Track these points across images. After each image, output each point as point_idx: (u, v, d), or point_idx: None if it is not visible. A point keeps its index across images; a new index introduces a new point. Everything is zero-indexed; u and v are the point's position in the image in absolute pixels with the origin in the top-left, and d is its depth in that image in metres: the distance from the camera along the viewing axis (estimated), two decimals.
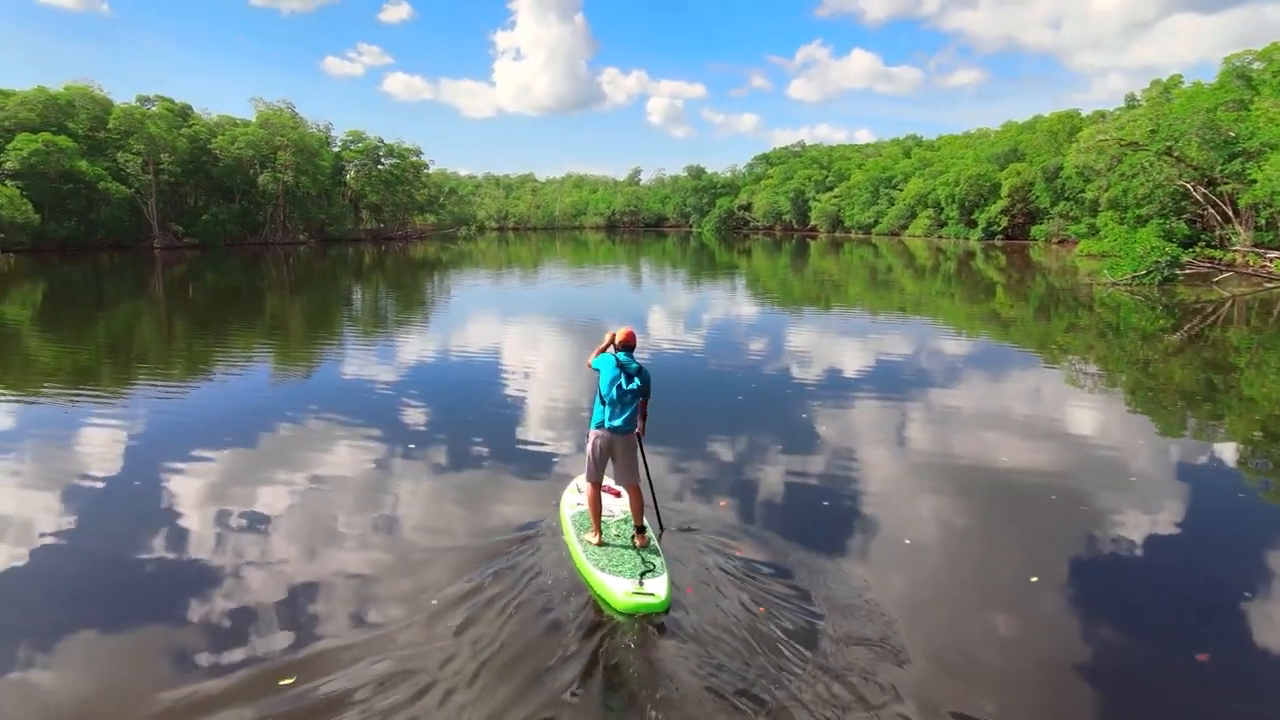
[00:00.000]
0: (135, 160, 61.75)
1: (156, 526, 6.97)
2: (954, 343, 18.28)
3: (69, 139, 57.38)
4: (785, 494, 7.91)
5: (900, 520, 7.21)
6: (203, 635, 5.16)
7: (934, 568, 6.34)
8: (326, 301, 29.14)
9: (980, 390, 13.02)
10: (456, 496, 7.83)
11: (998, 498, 7.93)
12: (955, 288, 32.82)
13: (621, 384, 6.15)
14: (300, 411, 11.32)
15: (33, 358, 16.44)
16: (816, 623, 5.24)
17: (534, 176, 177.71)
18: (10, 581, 5.99)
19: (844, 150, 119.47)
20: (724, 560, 6.15)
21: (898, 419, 10.99)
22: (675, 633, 5.16)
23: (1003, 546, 6.82)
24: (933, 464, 8.94)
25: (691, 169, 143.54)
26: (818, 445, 9.60)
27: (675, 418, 10.57)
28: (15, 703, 4.50)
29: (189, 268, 44.50)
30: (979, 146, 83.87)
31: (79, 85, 64.02)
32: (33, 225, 53.37)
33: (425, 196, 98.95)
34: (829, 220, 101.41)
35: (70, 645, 5.11)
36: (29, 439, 9.92)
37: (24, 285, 34.00)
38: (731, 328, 20.63)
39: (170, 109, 70.13)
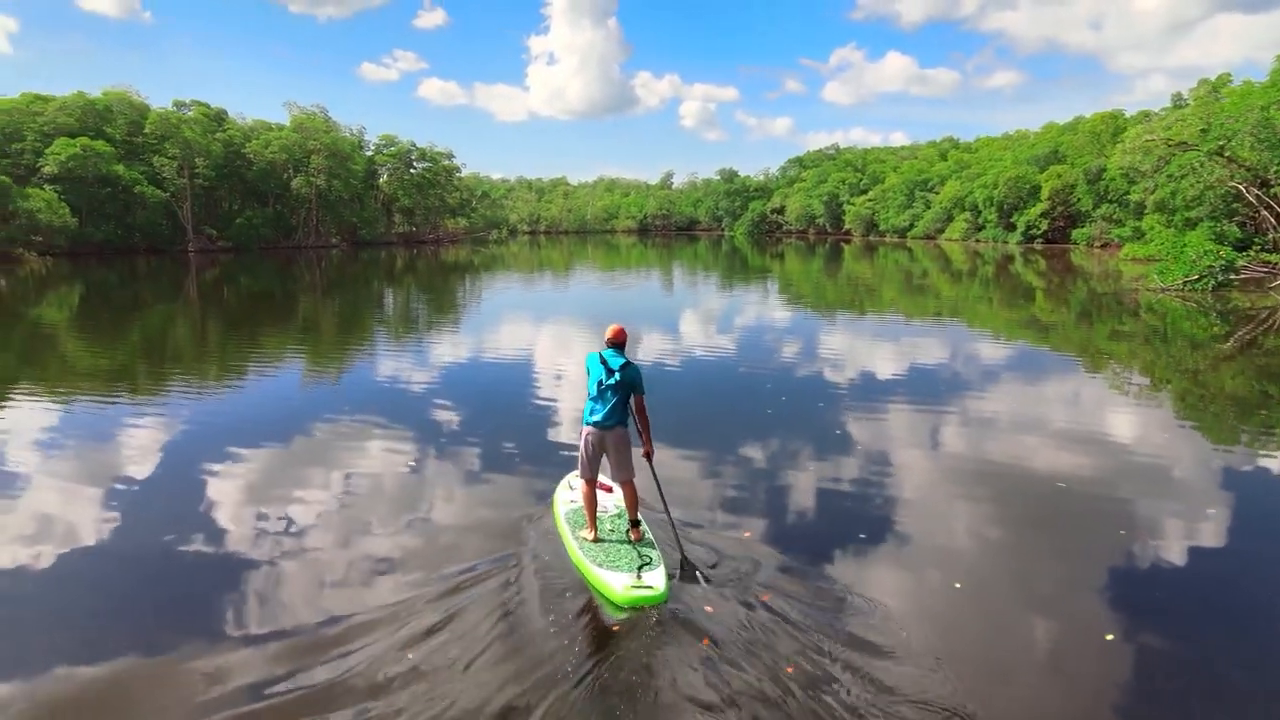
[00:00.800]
0: (171, 164, 62.81)
1: (191, 522, 7.13)
2: (992, 349, 17.77)
3: (106, 144, 58.47)
4: (815, 519, 7.35)
5: (945, 559, 6.41)
6: (227, 618, 5.43)
7: (983, 615, 5.65)
8: (358, 304, 29.27)
9: (1021, 399, 12.54)
10: (475, 495, 7.93)
11: (1049, 523, 7.42)
12: (993, 292, 32.10)
13: (603, 379, 6.24)
14: (330, 412, 11.42)
15: (70, 360, 16.63)
16: (849, 686, 4.58)
17: (566, 180, 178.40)
18: (53, 575, 6.16)
19: (879, 153, 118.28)
20: (746, 612, 5.35)
21: (936, 431, 10.57)
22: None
23: (1062, 584, 6.15)
24: (977, 487, 8.39)
25: (724, 172, 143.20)
26: (852, 463, 9.10)
27: (703, 427, 10.41)
28: (59, 689, 4.65)
29: (222, 271, 45.08)
30: (1018, 148, 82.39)
31: (117, 90, 65.31)
32: (70, 229, 54.43)
33: (457, 200, 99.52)
34: (863, 224, 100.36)
35: (111, 630, 5.32)
36: (68, 439, 10.04)
37: (61, 288, 34.59)
38: (763, 332, 20.27)
39: (206, 114, 71.28)
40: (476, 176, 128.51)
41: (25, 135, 57.73)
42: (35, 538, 6.81)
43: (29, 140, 57.41)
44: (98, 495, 7.86)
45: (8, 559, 6.38)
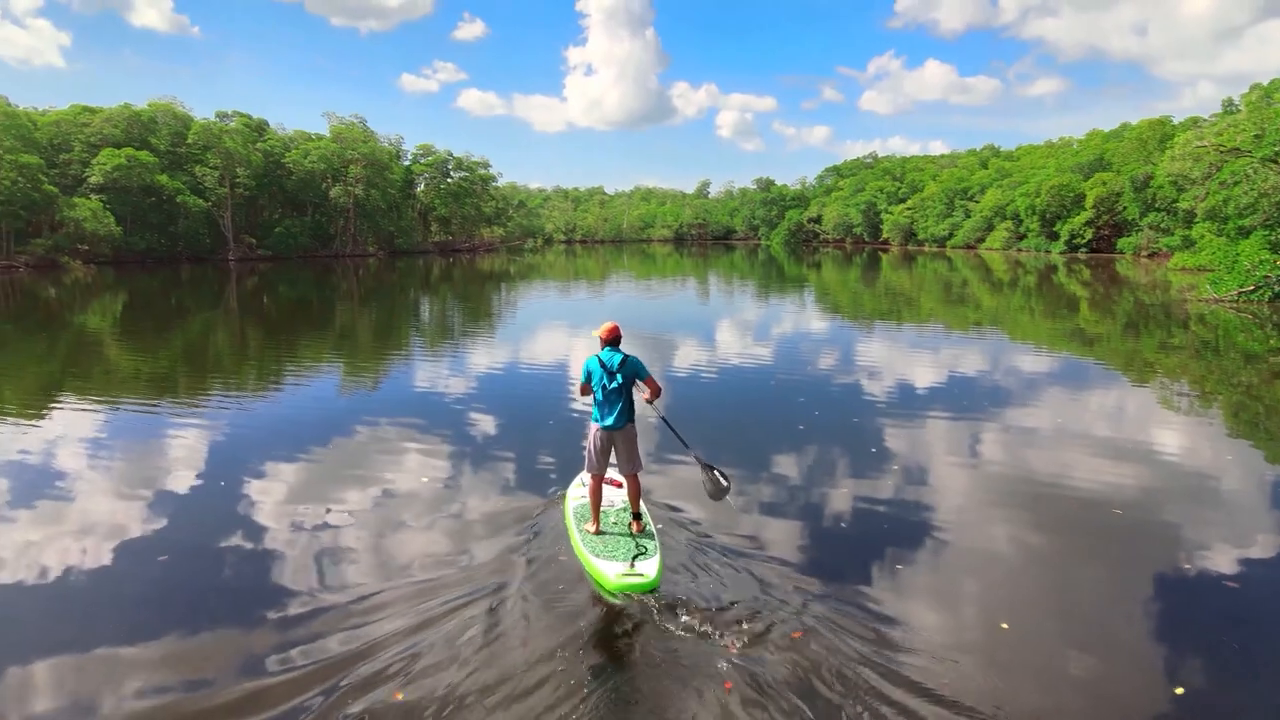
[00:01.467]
0: (212, 174, 64.17)
1: (231, 526, 7.29)
2: (1035, 362, 17.30)
3: (150, 154, 59.88)
4: (849, 547, 6.86)
5: (991, 595, 5.99)
6: (265, 604, 5.77)
7: (1035, 661, 5.25)
8: (395, 313, 29.55)
9: (1066, 415, 12.11)
10: (497, 493, 8.19)
11: (1104, 555, 6.93)
12: (1035, 303, 31.39)
13: (605, 384, 6.42)
14: (366, 418, 11.64)
15: (115, 366, 16.97)
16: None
17: (602, 189, 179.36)
18: (100, 576, 6.30)
19: (917, 161, 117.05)
20: (778, 654, 4.98)
21: (979, 450, 10.23)
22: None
23: (1122, 625, 5.76)
24: (1025, 513, 8.00)
25: (760, 181, 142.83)
26: (888, 485, 8.74)
27: (733, 442, 10.22)
28: (111, 682, 4.79)
29: (262, 279, 45.84)
30: (1061, 156, 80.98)
31: (162, 102, 66.93)
32: (115, 237, 55.74)
33: (493, 209, 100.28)
34: (901, 233, 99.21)
35: (154, 628, 5.44)
36: (115, 443, 10.32)
37: (105, 296, 35.38)
38: (798, 343, 19.99)
39: (247, 124, 72.73)
40: (514, 186, 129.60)
41: (73, 146, 59.39)
42: (84, 535, 7.02)
43: (76, 151, 59.05)
44: (143, 495, 8.10)
45: (60, 555, 6.59)
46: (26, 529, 7.23)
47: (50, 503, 7.94)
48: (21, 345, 20.86)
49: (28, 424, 11.44)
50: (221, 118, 71.68)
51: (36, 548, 6.79)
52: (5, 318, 27.24)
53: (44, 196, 52.61)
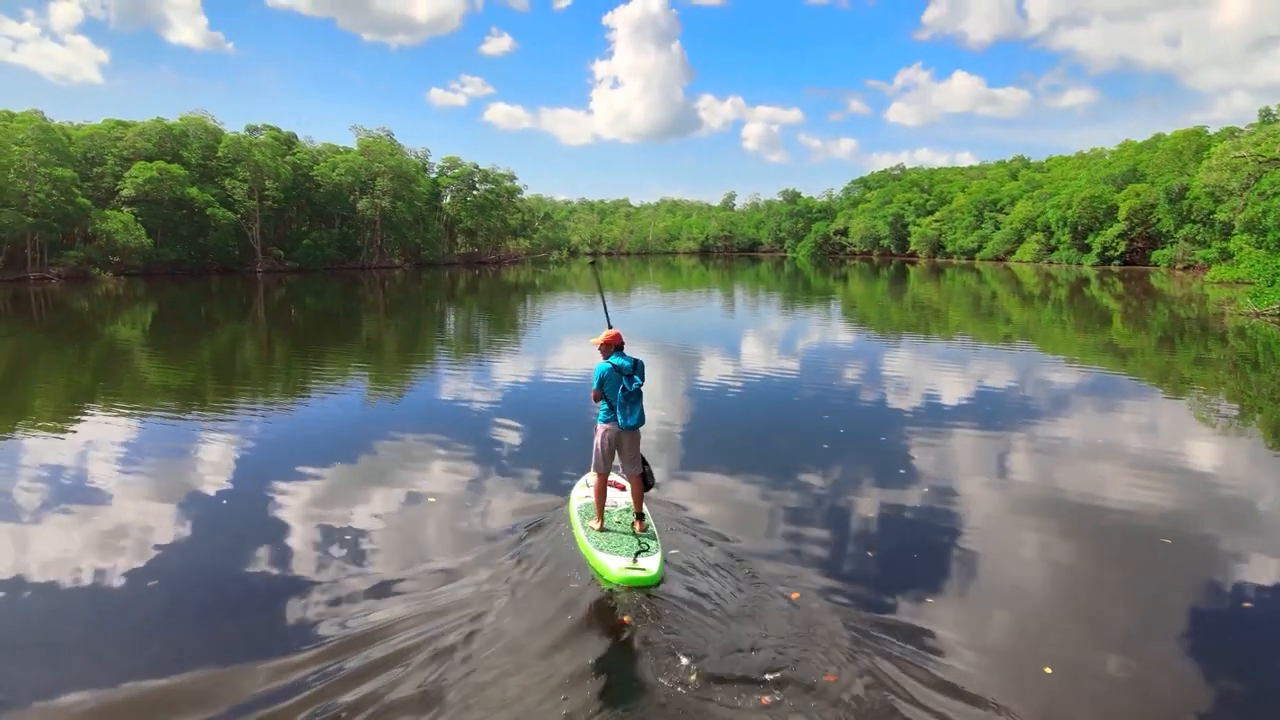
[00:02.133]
0: (241, 187, 65.22)
1: (256, 533, 7.47)
2: (1068, 376, 16.99)
3: (181, 167, 60.99)
4: (875, 577, 6.37)
5: (1034, 636, 5.59)
6: (292, 603, 6.00)
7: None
8: (420, 324, 29.71)
9: (1102, 434, 11.85)
10: (513, 500, 8.32)
11: (1155, 590, 6.59)
12: (1067, 316, 30.92)
13: (625, 386, 6.66)
14: (389, 429, 11.77)
15: (144, 377, 17.23)
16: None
17: (628, 202, 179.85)
18: (129, 582, 6.42)
19: (945, 173, 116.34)
20: (804, 697, 4.71)
21: (1012, 472, 10.04)
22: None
23: (1178, 671, 5.60)
24: (1065, 542, 7.76)
25: (786, 193, 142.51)
26: (917, 512, 8.51)
27: (755, 462, 10.05)
28: (139, 678, 4.98)
29: (288, 291, 46.39)
30: (1093, 167, 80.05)
31: (194, 116, 68.22)
32: (146, 249, 56.74)
33: (518, 221, 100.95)
34: (929, 245, 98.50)
35: (180, 630, 5.65)
36: (144, 453, 10.41)
37: (135, 307, 35.94)
38: (824, 358, 19.82)
39: (276, 137, 73.90)
40: (540, 198, 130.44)
41: (106, 160, 60.65)
42: (114, 544, 7.15)
43: (109, 164, 60.30)
44: (172, 504, 8.28)
45: (90, 563, 6.72)
46: (62, 532, 7.42)
47: (82, 507, 8.10)
48: (54, 355, 21.22)
49: (61, 432, 11.63)
50: (251, 131, 72.99)
51: (71, 550, 6.96)
52: (39, 329, 27.73)
53: (77, 209, 53.76)
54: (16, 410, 13.66)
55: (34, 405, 14.11)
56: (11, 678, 5.00)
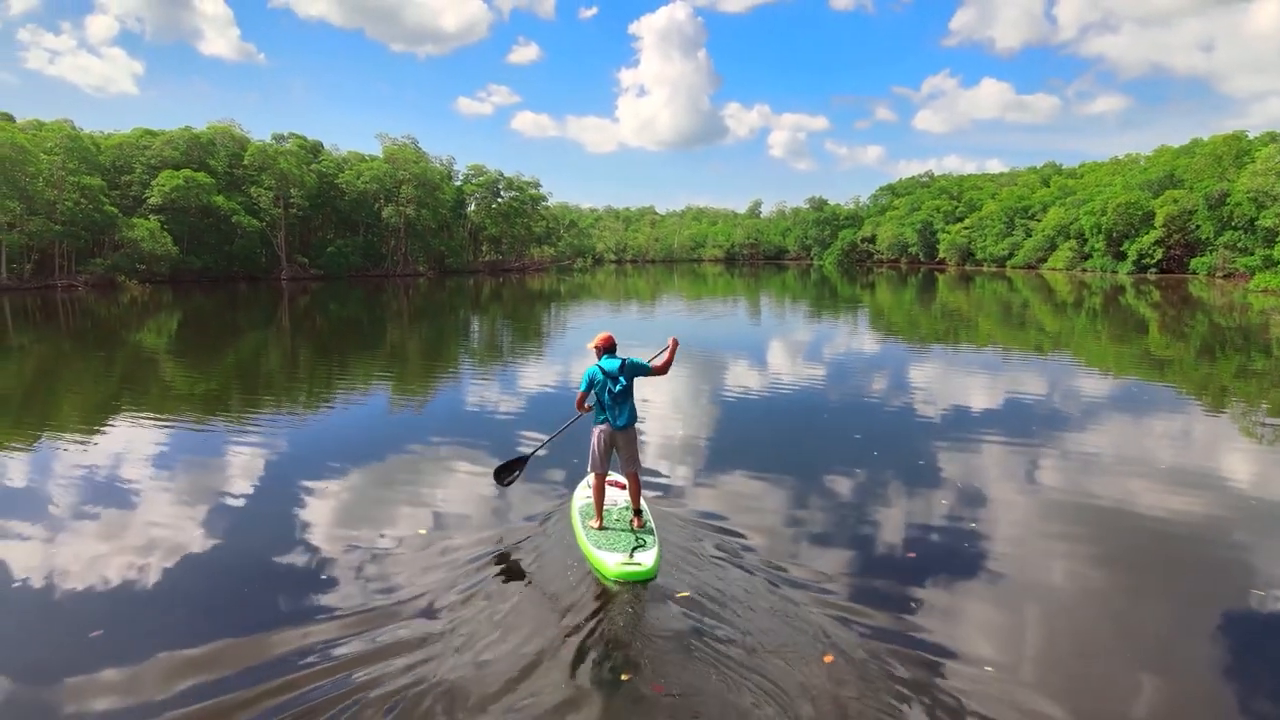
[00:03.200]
0: (267, 195, 65.81)
1: (273, 532, 7.73)
2: (1101, 385, 16.48)
3: (208, 175, 61.64)
4: (911, 628, 5.60)
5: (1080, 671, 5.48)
6: (311, 598, 6.27)
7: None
8: (444, 332, 29.71)
9: (1139, 443, 11.44)
10: (528, 501, 8.29)
11: (1217, 634, 6.14)
12: (1102, 324, 30.19)
13: (611, 389, 6.97)
14: (410, 431, 12.16)
15: (169, 384, 17.37)
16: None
17: (654, 209, 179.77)
18: (160, 584, 6.57)
19: (975, 179, 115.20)
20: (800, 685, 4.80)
21: (1042, 477, 9.66)
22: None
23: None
24: (1099, 553, 7.47)
25: (813, 200, 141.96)
26: (937, 513, 8.31)
27: (781, 490, 9.75)
28: (165, 676, 5.08)
29: (312, 298, 46.70)
30: (1128, 173, 78.71)
31: (221, 125, 69.05)
32: (173, 257, 57.37)
33: (543, 228, 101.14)
34: (958, 253, 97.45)
35: (205, 627, 5.78)
36: (170, 459, 10.51)
37: (160, 315, 36.29)
38: (852, 369, 19.36)
39: (302, 145, 74.63)
40: (565, 206, 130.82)
41: (134, 168, 61.43)
42: (144, 548, 7.30)
43: (137, 173, 61.11)
44: (192, 511, 8.38)
45: (120, 566, 6.85)
46: (89, 538, 7.51)
47: (111, 512, 8.26)
48: (81, 362, 21.40)
49: (87, 439, 11.70)
50: (278, 139, 73.73)
51: (98, 555, 7.08)
52: (66, 335, 27.98)
53: (105, 217, 54.49)
54: (45, 415, 13.88)
55: (63, 411, 14.29)
56: (49, 662, 5.27)
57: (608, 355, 7.16)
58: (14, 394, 16.27)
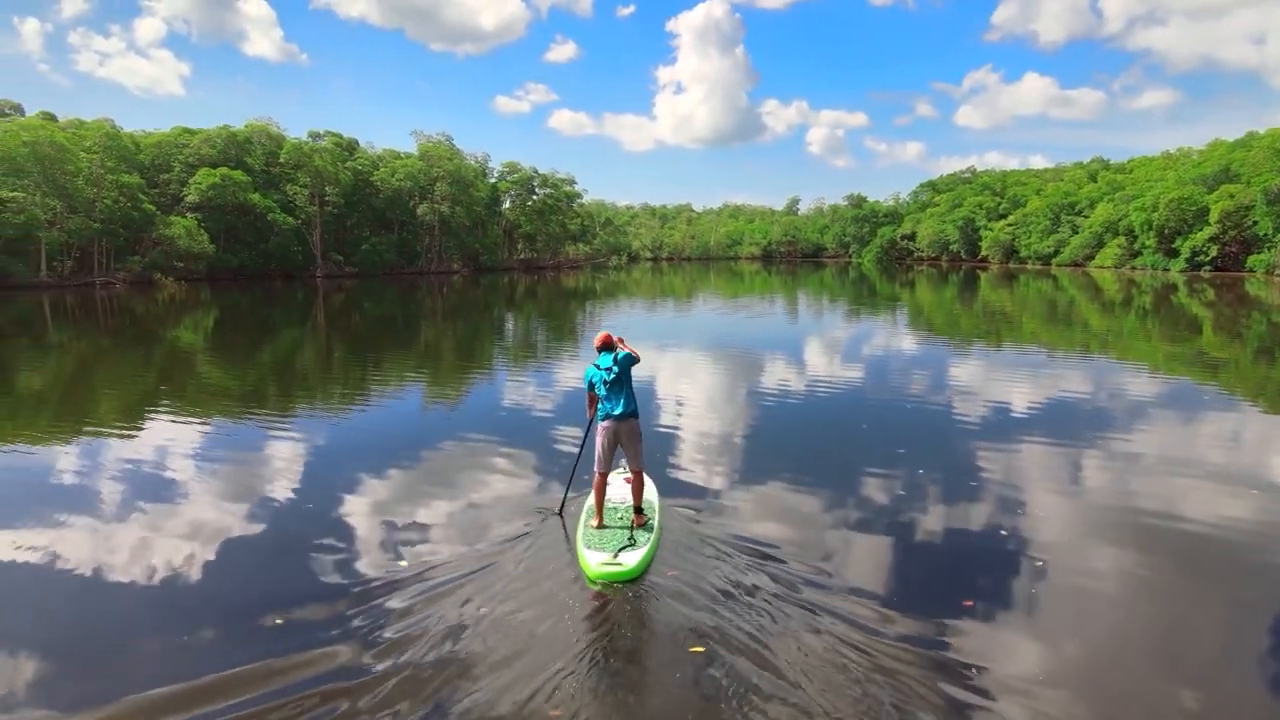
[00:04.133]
0: (303, 193, 66.55)
1: (304, 524, 7.96)
2: (1152, 387, 15.93)
3: (244, 174, 62.47)
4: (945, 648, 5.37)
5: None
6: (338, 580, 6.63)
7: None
8: (478, 330, 29.80)
9: (1191, 445, 11.02)
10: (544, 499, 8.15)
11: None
12: (1152, 324, 29.28)
13: (605, 379, 7.19)
14: (440, 429, 12.25)
15: (203, 381, 17.62)
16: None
17: (690, 207, 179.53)
18: (203, 574, 6.75)
19: (1019, 175, 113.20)
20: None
21: (1094, 484, 9.30)
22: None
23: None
24: (1166, 568, 7.12)
25: (852, 197, 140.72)
26: (1003, 575, 7.89)
27: (815, 467, 9.72)
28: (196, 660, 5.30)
29: (347, 296, 47.11)
30: (1181, 167, 76.60)
31: (258, 123, 69.96)
32: (209, 255, 58.27)
33: (578, 226, 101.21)
34: (1002, 250, 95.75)
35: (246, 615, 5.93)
36: (203, 454, 10.70)
37: (197, 312, 36.83)
38: (888, 372, 18.97)
39: (338, 143, 75.42)
40: (601, 204, 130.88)
41: (173, 166, 62.49)
42: (174, 534, 7.59)
43: (176, 171, 62.13)
44: (230, 500, 8.66)
45: (165, 555, 7.06)
46: (130, 530, 7.73)
47: (153, 505, 8.44)
48: (118, 358, 21.80)
49: (124, 435, 11.92)
50: (314, 137, 74.50)
51: (139, 546, 7.29)
52: (104, 333, 28.45)
53: (143, 215, 55.53)
54: (84, 411, 14.14)
55: (101, 406, 14.52)
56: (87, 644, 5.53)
57: (604, 352, 7.36)
58: (52, 391, 16.53)
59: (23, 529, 7.70)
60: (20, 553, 7.10)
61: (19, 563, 6.91)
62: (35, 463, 10.39)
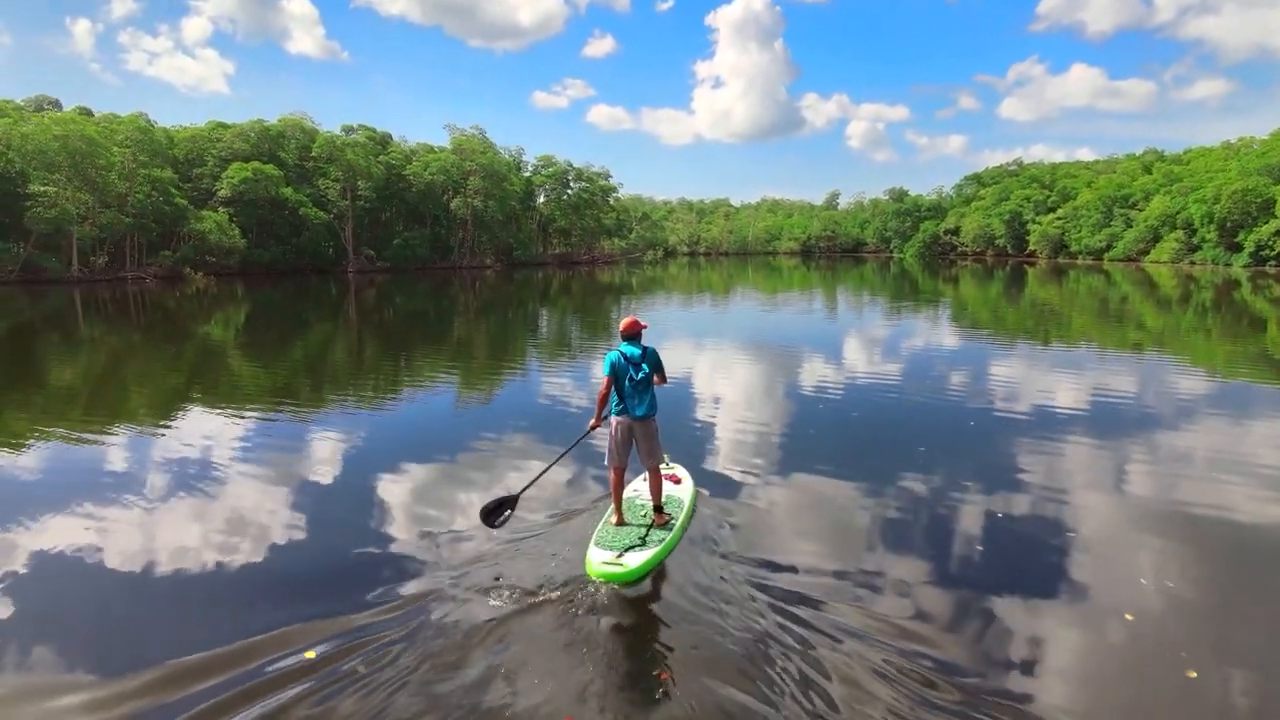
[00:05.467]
0: (335, 187, 67.07)
1: (336, 515, 8.14)
2: (1210, 387, 15.27)
3: (275, 167, 63.19)
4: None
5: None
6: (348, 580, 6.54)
7: None
8: (509, 327, 29.70)
9: (1251, 448, 10.43)
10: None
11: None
12: (1212, 322, 28.28)
13: (632, 375, 6.72)
14: (468, 427, 12.12)
15: (236, 376, 17.74)
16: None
17: (728, 201, 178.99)
18: (241, 567, 6.85)
19: (1068, 167, 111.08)
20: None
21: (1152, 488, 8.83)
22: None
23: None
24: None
25: (893, 191, 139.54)
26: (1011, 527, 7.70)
27: (839, 458, 9.47)
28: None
29: (378, 292, 47.40)
30: (1244, 158, 74.29)
31: (292, 117, 70.74)
32: (240, 249, 59.04)
33: (613, 220, 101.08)
34: (1050, 244, 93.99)
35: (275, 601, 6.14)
36: (241, 449, 10.72)
37: (228, 307, 37.23)
38: (930, 362, 18.54)
39: (371, 137, 76.04)
40: (639, 198, 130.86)
41: (206, 161, 63.39)
42: (226, 531, 7.63)
43: (209, 165, 63.06)
44: (266, 498, 8.64)
45: (187, 549, 7.17)
46: (164, 524, 7.83)
47: (175, 501, 8.52)
48: (149, 353, 22.00)
49: (157, 430, 12.01)
50: (347, 131, 75.09)
51: (168, 540, 7.37)
52: (133, 328, 28.83)
53: (175, 209, 56.35)
54: (115, 406, 14.28)
55: (133, 402, 14.67)
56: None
57: (630, 341, 6.89)
58: (83, 386, 16.63)
59: (54, 520, 7.83)
60: (55, 542, 7.27)
61: (53, 552, 7.05)
62: (67, 456, 10.43)
